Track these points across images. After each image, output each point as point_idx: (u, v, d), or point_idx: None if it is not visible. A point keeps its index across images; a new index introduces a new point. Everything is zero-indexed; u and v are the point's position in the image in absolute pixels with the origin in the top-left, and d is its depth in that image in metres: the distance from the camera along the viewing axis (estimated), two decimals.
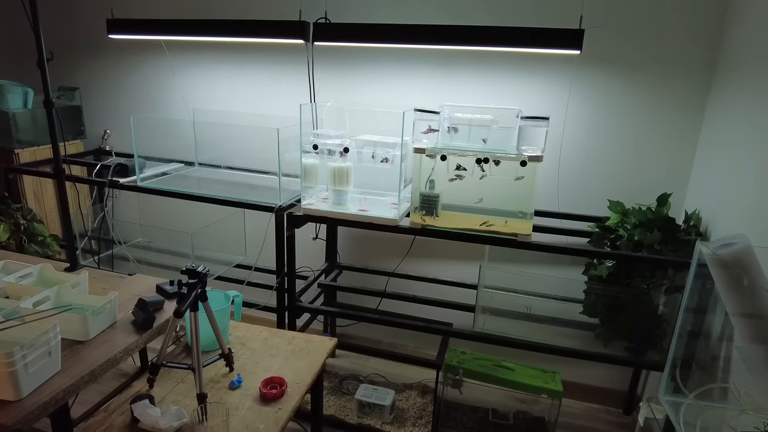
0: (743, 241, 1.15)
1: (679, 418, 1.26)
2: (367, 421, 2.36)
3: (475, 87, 2.41)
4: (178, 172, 2.70)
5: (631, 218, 2.12)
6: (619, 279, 2.09)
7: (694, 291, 1.31)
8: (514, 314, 2.33)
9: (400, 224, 2.07)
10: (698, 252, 1.24)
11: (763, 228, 1.59)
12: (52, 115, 1.74)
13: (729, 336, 1.42)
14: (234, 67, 2.75)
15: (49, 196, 2.96)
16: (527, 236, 1.94)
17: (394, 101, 2.53)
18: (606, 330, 2.13)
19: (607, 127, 2.31)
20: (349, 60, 2.55)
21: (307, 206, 2.17)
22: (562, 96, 2.30)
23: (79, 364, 1.31)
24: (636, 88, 2.23)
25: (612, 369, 2.53)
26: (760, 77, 1.74)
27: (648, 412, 1.41)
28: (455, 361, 2.33)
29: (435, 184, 2.02)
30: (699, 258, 1.24)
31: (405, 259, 2.67)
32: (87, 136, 3.12)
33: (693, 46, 2.12)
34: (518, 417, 2.42)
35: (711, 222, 2.01)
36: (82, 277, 1.64)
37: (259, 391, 1.40)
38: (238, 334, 1.70)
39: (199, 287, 1.28)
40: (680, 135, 2.24)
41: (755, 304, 1.07)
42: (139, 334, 1.48)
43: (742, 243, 1.14)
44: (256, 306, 2.34)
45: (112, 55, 2.97)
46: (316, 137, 2.18)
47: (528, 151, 1.90)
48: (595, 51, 2.19)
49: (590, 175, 2.38)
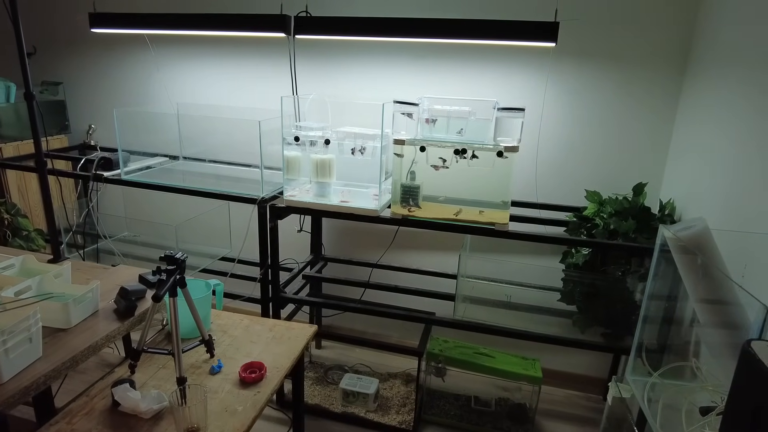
0: (701, 223, 1.19)
1: (644, 395, 1.31)
2: (351, 409, 2.40)
3: (455, 79, 2.45)
4: (163, 166, 2.71)
5: (607, 207, 2.18)
6: (594, 267, 2.14)
7: (657, 274, 1.36)
8: (495, 303, 2.38)
9: (381, 215, 2.10)
10: (660, 236, 1.29)
11: (731, 215, 1.65)
12: (32, 107, 1.75)
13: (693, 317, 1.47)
14: (217, 60, 2.77)
15: (33, 191, 2.96)
16: (504, 225, 1.99)
17: (376, 93, 2.56)
18: (583, 317, 2.18)
19: (583, 118, 2.36)
20: (331, 53, 2.58)
21: (289, 198, 2.19)
22: (539, 88, 2.34)
23: (61, 351, 1.34)
24: (612, 79, 2.28)
25: (592, 356, 2.59)
26: (730, 69, 1.79)
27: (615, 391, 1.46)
28: (437, 349, 2.37)
29: (416, 175, 2.06)
30: (661, 241, 1.29)
31: (388, 250, 2.71)
32: (72, 131, 3.12)
33: (667, 38, 2.17)
34: (500, 404, 2.47)
35: (684, 210, 2.06)
36: (64, 268, 1.66)
37: (238, 375, 1.43)
38: (219, 323, 1.73)
39: (177, 273, 1.31)
40: (655, 125, 2.29)
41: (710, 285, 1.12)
42: (120, 322, 1.51)
43: (700, 225, 1.19)
44: (240, 297, 2.37)
45: (96, 49, 2.97)
46: (298, 129, 2.20)
47: (504, 142, 1.94)
48: (571, 43, 2.23)
49: (568, 165, 2.43)
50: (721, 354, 1.20)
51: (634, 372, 1.41)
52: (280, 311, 2.36)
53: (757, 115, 1.55)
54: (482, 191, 2.03)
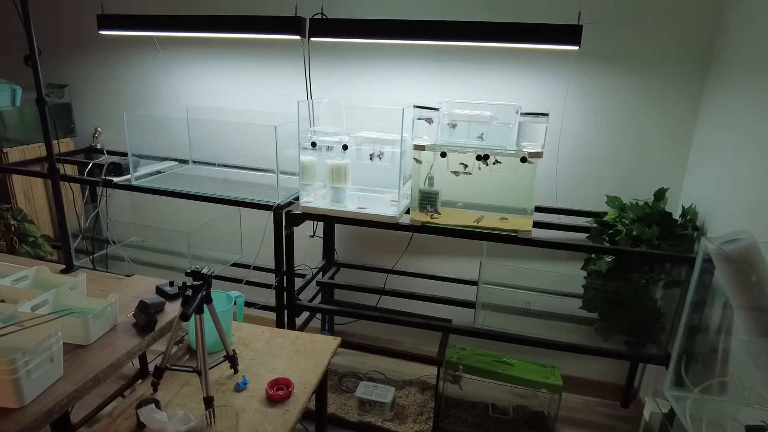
0: (749, 237, 1.16)
1: (686, 412, 1.28)
2: (367, 418, 2.36)
3: (473, 82, 2.40)
4: (173, 170, 2.66)
5: (629, 213, 2.14)
6: (617, 274, 2.10)
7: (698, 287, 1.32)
8: (514, 310, 2.34)
9: (400, 221, 2.06)
10: (703, 248, 1.25)
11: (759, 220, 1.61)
12: (45, 113, 1.70)
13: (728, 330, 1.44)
14: (228, 62, 2.72)
15: (39, 195, 2.91)
16: (528, 233, 1.95)
17: (391, 97, 2.51)
18: (605, 324, 2.14)
19: (604, 122, 2.32)
20: (345, 55, 2.53)
21: (306, 204, 2.15)
22: (560, 91, 2.30)
23: (82, 369, 1.29)
24: (633, 83, 2.24)
25: (609, 363, 2.56)
26: (755, 72, 1.76)
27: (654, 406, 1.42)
28: (455, 357, 2.33)
29: (434, 180, 2.01)
30: (704, 253, 1.25)
31: (403, 255, 2.67)
32: (77, 134, 3.06)
33: (688, 42, 2.13)
34: (518, 411, 2.43)
35: (708, 216, 2.03)
36: (79, 280, 1.61)
37: (265, 393, 1.38)
38: (240, 335, 1.68)
39: (204, 289, 1.26)
40: (676, 129, 2.26)
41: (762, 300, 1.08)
42: (141, 337, 1.46)
43: (748, 239, 1.15)
44: (255, 305, 2.32)
45: (102, 51, 2.91)
46: (314, 134, 2.16)
47: (527, 147, 1.90)
48: (591, 46, 2.19)
49: (588, 169, 2.39)
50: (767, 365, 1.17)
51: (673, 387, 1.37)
52: (295, 319, 2.32)
53: None
54: (504, 197, 1.98)
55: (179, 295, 1.68)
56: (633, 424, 2.44)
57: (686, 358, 1.45)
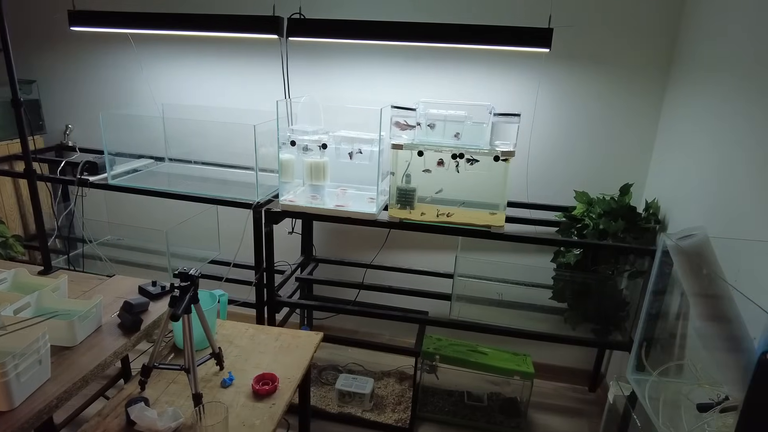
0: (702, 232, 1.26)
1: (645, 394, 1.38)
2: (347, 409, 2.43)
3: (449, 82, 2.47)
4: (149, 168, 2.65)
5: (596, 207, 2.25)
6: (585, 266, 2.22)
7: (658, 278, 1.42)
8: (488, 301, 2.43)
9: (378, 218, 2.12)
10: (662, 243, 1.35)
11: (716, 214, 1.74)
12: (21, 114, 1.69)
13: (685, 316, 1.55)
14: (205, 60, 2.71)
15: (7, 194, 2.84)
16: (500, 228, 2.03)
17: (368, 96, 2.56)
18: (574, 314, 2.26)
19: (573, 120, 2.42)
20: (324, 55, 2.56)
21: (285, 202, 2.18)
22: (531, 91, 2.39)
23: (69, 371, 1.31)
24: (600, 83, 2.34)
25: (578, 350, 2.68)
26: (714, 72, 1.87)
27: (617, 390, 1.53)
28: (432, 348, 2.42)
29: (411, 178, 2.08)
30: (663, 248, 1.35)
31: (381, 250, 2.73)
32: (47, 131, 3.00)
33: (652, 43, 2.24)
34: (492, 399, 2.54)
35: (668, 210, 2.16)
36: (61, 281, 1.61)
37: (251, 388, 1.43)
38: (224, 333, 1.72)
39: (192, 290, 1.29)
40: (641, 127, 2.37)
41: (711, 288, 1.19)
42: (126, 337, 1.48)
43: (701, 235, 1.25)
44: (236, 302, 2.35)
45: (74, 47, 2.85)
46: (292, 133, 2.19)
47: (500, 146, 1.98)
48: (561, 48, 2.28)
49: (557, 166, 2.49)
50: (715, 347, 1.28)
51: (635, 371, 1.48)
52: (275, 315, 2.36)
53: (740, 118, 1.63)
54: (478, 194, 2.06)
55: (163, 294, 1.71)
56: (600, 407, 2.58)
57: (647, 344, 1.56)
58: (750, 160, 1.55)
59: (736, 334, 1.18)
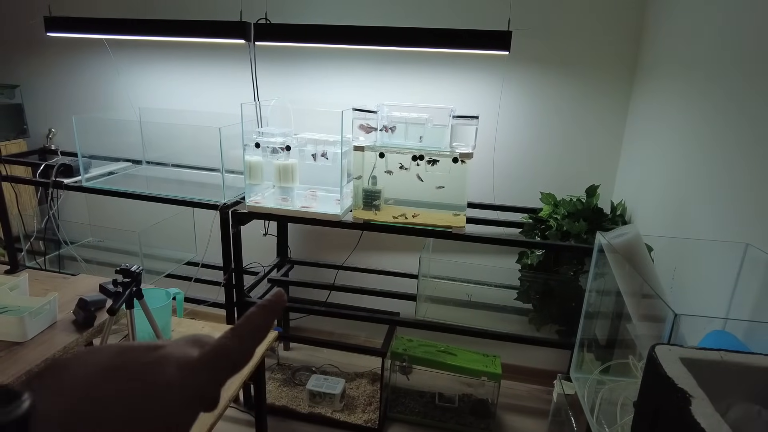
0: (634, 231, 1.28)
1: (584, 391, 1.40)
2: (318, 410, 2.45)
3: (414, 85, 2.50)
4: (126, 171, 2.70)
5: (561, 209, 2.26)
6: (548, 267, 2.23)
7: (597, 275, 1.44)
8: (456, 302, 2.45)
9: (343, 219, 2.14)
10: (597, 242, 1.37)
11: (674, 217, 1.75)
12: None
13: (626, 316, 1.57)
14: (179, 65, 2.76)
15: None
16: (461, 228, 2.05)
17: (337, 98, 2.60)
18: (538, 315, 2.27)
19: (538, 122, 2.44)
20: (292, 59, 2.60)
21: (252, 203, 2.22)
22: (495, 93, 2.42)
23: (16, 365, 1.35)
24: (565, 85, 2.36)
25: (549, 351, 2.68)
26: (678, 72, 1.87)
27: (560, 388, 1.54)
28: (401, 349, 2.43)
29: (377, 180, 2.10)
30: (598, 247, 1.37)
31: (354, 252, 2.75)
32: (30, 134, 3.06)
33: (616, 47, 2.26)
34: (463, 400, 2.55)
35: (634, 211, 2.17)
36: (21, 280, 1.65)
37: None
38: (180, 330, 1.74)
39: (133, 286, 1.32)
40: (608, 129, 2.39)
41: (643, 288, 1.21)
42: (79, 333, 1.52)
43: (632, 233, 1.27)
44: (204, 302, 2.38)
45: (54, 52, 2.92)
46: (259, 135, 2.22)
47: (459, 148, 2.00)
48: (525, 51, 2.31)
49: (524, 167, 2.51)
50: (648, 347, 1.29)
51: (579, 369, 1.49)
52: None
53: (700, 120, 1.64)
54: (440, 195, 2.09)
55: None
56: None
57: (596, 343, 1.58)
58: (710, 161, 1.54)
59: None
